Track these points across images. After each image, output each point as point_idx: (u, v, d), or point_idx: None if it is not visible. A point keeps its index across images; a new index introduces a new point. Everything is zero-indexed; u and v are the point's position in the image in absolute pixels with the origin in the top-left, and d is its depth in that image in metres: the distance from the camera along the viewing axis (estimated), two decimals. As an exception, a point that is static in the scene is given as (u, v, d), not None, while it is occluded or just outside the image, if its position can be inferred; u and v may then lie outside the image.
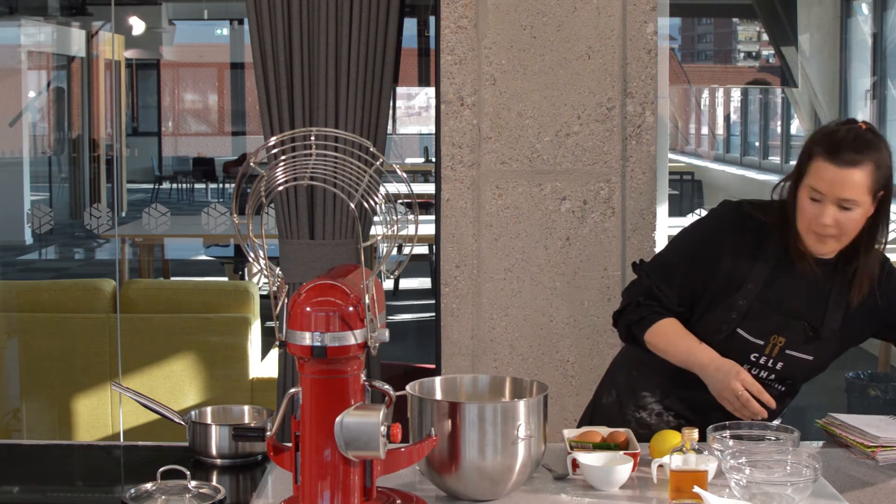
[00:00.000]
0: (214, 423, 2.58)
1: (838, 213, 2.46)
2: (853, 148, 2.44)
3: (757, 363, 2.63)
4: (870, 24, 7.01)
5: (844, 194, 2.44)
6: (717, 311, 2.62)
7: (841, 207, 2.45)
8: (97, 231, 5.49)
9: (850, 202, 2.45)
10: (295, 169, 2.09)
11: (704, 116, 10.08)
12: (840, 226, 2.47)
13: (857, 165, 2.43)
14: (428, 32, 5.59)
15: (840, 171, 2.43)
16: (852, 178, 2.43)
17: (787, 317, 2.60)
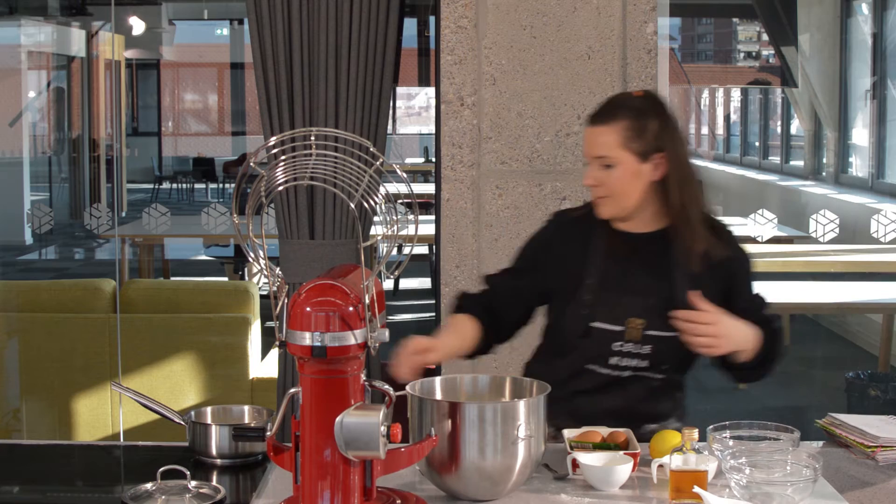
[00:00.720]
0: (214, 423, 2.58)
1: (599, 173, 2.54)
2: (606, 108, 2.54)
3: (622, 352, 2.60)
4: (870, 24, 7.01)
5: (595, 151, 2.53)
6: (567, 314, 2.63)
7: (601, 167, 2.53)
8: (97, 231, 5.49)
9: (605, 159, 2.52)
10: (295, 169, 2.09)
11: (704, 116, 10.07)
12: (604, 185, 2.53)
13: (607, 123, 2.52)
14: (428, 32, 5.59)
15: (591, 130, 2.54)
16: (599, 136, 2.52)
17: (637, 297, 2.58)
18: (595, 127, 2.54)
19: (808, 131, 7.68)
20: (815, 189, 7.42)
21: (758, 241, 5.17)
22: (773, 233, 5.15)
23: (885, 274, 6.03)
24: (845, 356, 6.82)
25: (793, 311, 6.93)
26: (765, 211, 5.12)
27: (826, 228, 5.04)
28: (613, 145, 2.52)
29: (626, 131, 2.51)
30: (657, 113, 2.55)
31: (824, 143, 7.51)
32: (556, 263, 2.66)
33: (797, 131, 8.10)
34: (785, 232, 5.75)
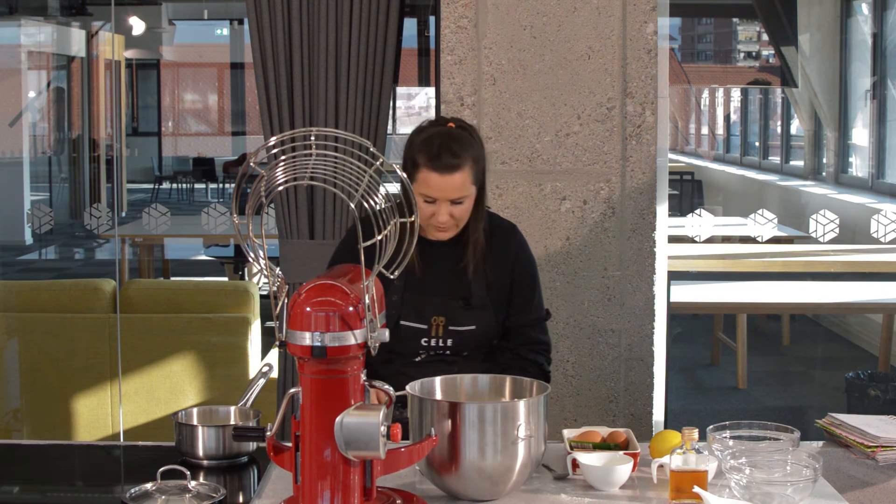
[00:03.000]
0: (201, 425, 2.58)
1: (452, 209, 2.71)
2: (451, 153, 2.67)
3: (429, 346, 2.80)
4: (870, 24, 7.00)
5: (453, 195, 2.69)
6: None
7: (452, 203, 2.70)
8: (97, 231, 5.48)
9: (459, 198, 2.70)
10: (295, 169, 2.09)
11: (704, 116, 10.07)
12: (455, 217, 2.73)
13: (459, 169, 2.68)
14: (428, 32, 5.58)
15: (445, 178, 2.67)
16: (455, 181, 2.68)
17: (439, 297, 2.79)
18: (451, 174, 2.67)
19: (808, 131, 7.67)
20: (815, 189, 7.42)
21: (758, 241, 5.17)
22: (773, 233, 5.15)
23: (885, 274, 6.03)
24: (845, 356, 6.81)
25: (793, 311, 6.93)
26: (765, 211, 5.12)
27: (826, 228, 5.04)
28: (467, 185, 2.70)
29: (471, 171, 2.70)
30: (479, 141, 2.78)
31: (824, 143, 7.51)
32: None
33: (797, 131, 8.10)
34: (785, 232, 5.75)
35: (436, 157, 2.67)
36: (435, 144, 2.69)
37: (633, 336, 3.62)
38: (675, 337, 6.42)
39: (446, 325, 2.79)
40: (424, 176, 2.68)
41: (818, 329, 7.32)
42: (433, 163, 2.67)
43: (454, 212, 2.71)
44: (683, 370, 6.57)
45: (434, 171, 2.67)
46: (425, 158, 2.68)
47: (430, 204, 2.70)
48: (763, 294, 6.06)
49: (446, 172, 2.67)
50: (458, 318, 2.80)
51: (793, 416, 5.75)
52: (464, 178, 2.69)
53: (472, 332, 2.81)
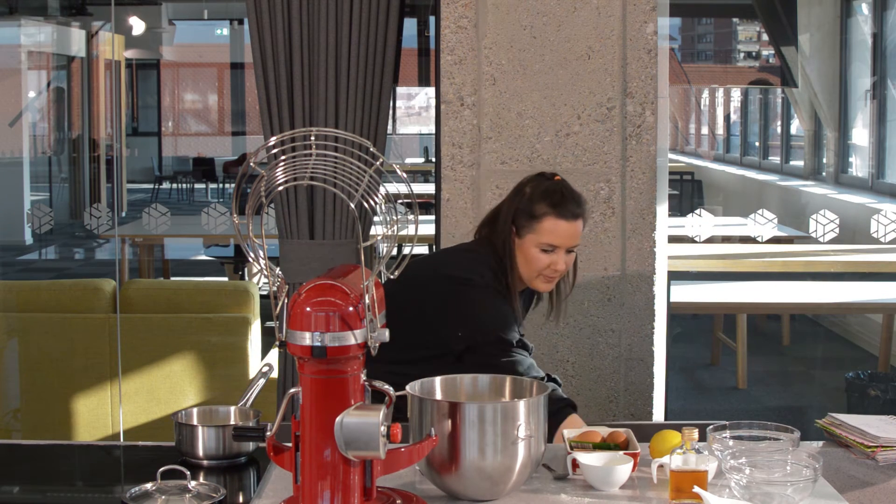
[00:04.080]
0: (201, 425, 2.58)
1: (567, 258, 2.84)
2: (575, 202, 2.83)
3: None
4: (870, 24, 7.00)
5: (575, 242, 2.83)
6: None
7: (568, 252, 2.83)
8: (97, 231, 5.48)
9: (575, 247, 2.85)
10: (295, 169, 2.09)
11: (704, 116, 10.07)
12: (567, 267, 2.86)
13: (581, 217, 2.84)
14: (428, 32, 5.58)
15: (572, 225, 2.81)
16: (579, 228, 2.84)
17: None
18: (576, 222, 2.82)
19: (808, 131, 7.67)
20: (815, 189, 7.42)
21: (758, 241, 5.17)
22: (773, 233, 5.15)
23: (885, 274, 6.03)
24: (845, 356, 6.81)
25: (793, 311, 6.93)
26: (765, 211, 5.12)
27: (826, 228, 5.04)
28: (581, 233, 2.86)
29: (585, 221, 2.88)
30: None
31: (824, 143, 7.51)
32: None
33: (797, 131, 8.10)
34: (785, 232, 5.75)
35: (562, 205, 2.80)
36: (558, 193, 2.82)
37: (633, 336, 3.62)
38: (675, 337, 6.42)
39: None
40: (550, 224, 2.79)
41: (818, 329, 7.32)
42: (559, 210, 2.80)
43: (568, 261, 2.83)
44: (683, 370, 6.57)
45: (562, 218, 2.79)
46: (550, 206, 2.80)
47: (547, 254, 2.81)
48: (763, 294, 6.06)
49: (573, 220, 2.81)
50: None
51: (793, 416, 5.75)
52: (581, 227, 2.84)
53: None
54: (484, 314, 2.81)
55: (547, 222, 2.80)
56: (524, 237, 2.82)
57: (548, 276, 2.84)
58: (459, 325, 2.78)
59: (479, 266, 2.85)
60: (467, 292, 2.81)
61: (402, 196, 2.21)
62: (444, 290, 2.84)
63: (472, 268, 2.84)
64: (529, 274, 2.84)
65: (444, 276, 2.86)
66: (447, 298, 2.80)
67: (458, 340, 2.77)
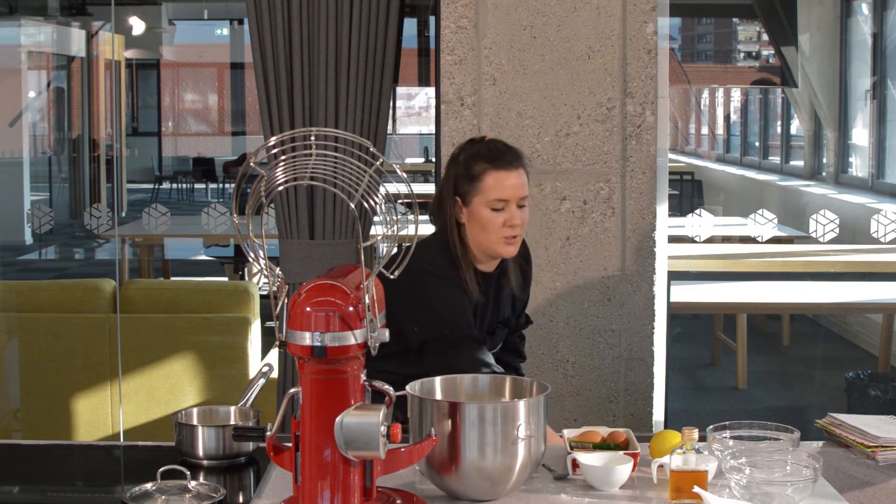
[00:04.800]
0: (201, 425, 2.58)
1: (521, 213, 2.74)
2: (513, 154, 2.76)
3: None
4: (870, 24, 7.00)
5: (523, 192, 2.74)
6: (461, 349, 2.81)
7: (519, 206, 2.74)
8: (97, 231, 5.48)
9: (524, 199, 2.75)
10: (295, 169, 2.09)
11: (704, 116, 10.07)
12: (524, 223, 2.76)
13: (521, 166, 2.75)
14: (428, 32, 5.58)
15: (514, 174, 2.72)
16: (523, 178, 2.74)
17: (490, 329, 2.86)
18: (517, 170, 2.74)
19: (808, 131, 7.67)
20: (815, 189, 7.42)
21: (758, 241, 5.17)
22: (773, 233, 5.15)
23: (885, 274, 6.03)
24: (845, 356, 6.81)
25: (793, 311, 6.93)
26: (765, 211, 5.12)
27: (826, 228, 5.04)
28: (526, 185, 2.76)
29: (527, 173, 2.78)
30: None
31: (824, 143, 7.51)
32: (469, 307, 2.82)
33: (797, 131, 8.10)
34: (785, 232, 5.75)
35: (499, 157, 2.73)
36: (493, 149, 2.75)
37: (633, 336, 3.62)
38: (675, 337, 6.42)
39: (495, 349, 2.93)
40: (493, 179, 2.71)
41: (818, 329, 7.32)
42: (499, 162, 2.72)
43: (522, 215, 2.74)
44: (683, 370, 6.57)
45: (502, 169, 2.71)
46: (487, 161, 2.73)
47: (499, 212, 2.72)
48: (763, 294, 6.06)
49: (514, 169, 2.72)
50: (498, 340, 2.95)
51: (793, 416, 5.75)
52: (524, 177, 2.75)
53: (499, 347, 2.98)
54: (433, 306, 2.73)
55: (489, 177, 2.70)
56: (471, 202, 2.72)
57: (507, 236, 2.72)
58: (413, 320, 2.73)
59: (432, 253, 2.75)
60: (420, 283, 2.72)
61: (402, 196, 2.21)
62: (402, 281, 2.77)
63: (426, 256, 2.73)
64: (488, 240, 2.73)
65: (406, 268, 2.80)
66: (404, 291, 2.66)
67: (414, 335, 2.72)
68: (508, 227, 2.71)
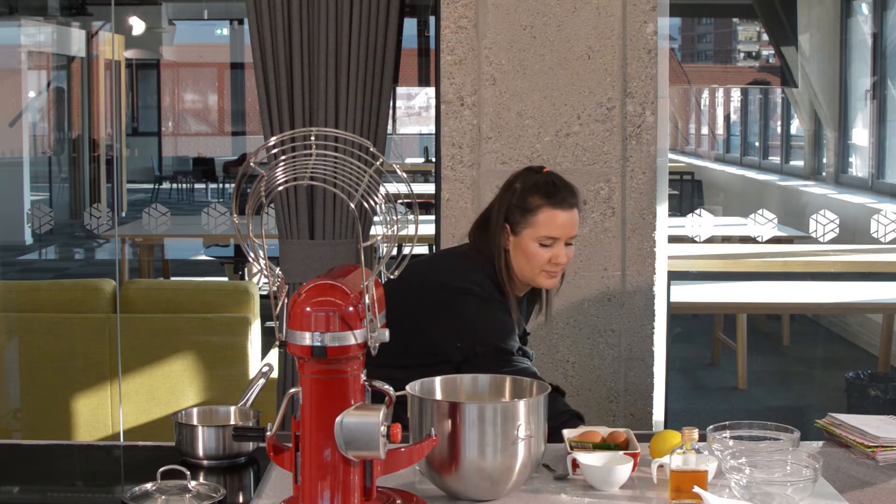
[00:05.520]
0: (201, 425, 2.58)
1: (568, 250, 2.78)
2: (569, 190, 2.78)
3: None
4: (870, 24, 7.00)
5: (573, 232, 2.78)
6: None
7: (566, 244, 2.78)
8: (97, 231, 5.48)
9: (572, 239, 2.80)
10: (295, 169, 2.09)
11: (704, 116, 10.07)
12: (568, 260, 2.80)
13: (576, 206, 2.78)
14: (428, 32, 5.58)
15: (568, 214, 2.76)
16: (575, 218, 2.78)
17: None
18: (572, 210, 2.77)
19: (808, 131, 7.67)
20: (815, 189, 7.42)
21: (758, 241, 5.18)
22: (773, 233, 5.15)
23: (885, 274, 6.03)
24: (845, 356, 6.82)
25: (793, 311, 6.93)
26: (765, 211, 5.12)
27: (826, 228, 5.04)
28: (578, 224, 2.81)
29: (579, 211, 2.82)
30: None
31: (824, 143, 7.51)
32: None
33: (797, 131, 8.10)
34: (785, 232, 5.76)
35: (556, 195, 2.74)
36: (551, 184, 2.76)
37: (633, 336, 3.62)
38: (675, 337, 6.42)
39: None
40: (547, 216, 2.73)
41: (818, 329, 7.32)
42: (554, 200, 2.74)
43: (569, 253, 2.78)
44: (683, 370, 6.57)
45: (558, 208, 2.73)
46: (544, 197, 2.74)
47: (547, 248, 2.75)
48: (763, 294, 6.07)
49: (569, 209, 2.75)
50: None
51: (793, 416, 5.75)
52: (577, 216, 2.78)
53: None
54: (482, 325, 2.75)
55: (543, 214, 2.73)
56: (520, 234, 2.76)
57: (550, 271, 2.77)
58: (457, 336, 2.74)
59: (476, 275, 2.79)
60: (465, 302, 2.75)
61: (402, 196, 2.21)
62: (440, 298, 2.77)
63: (469, 277, 2.78)
64: (531, 272, 2.77)
65: (440, 283, 2.79)
66: (443, 307, 2.74)
67: (456, 351, 2.73)
68: (553, 264, 2.76)
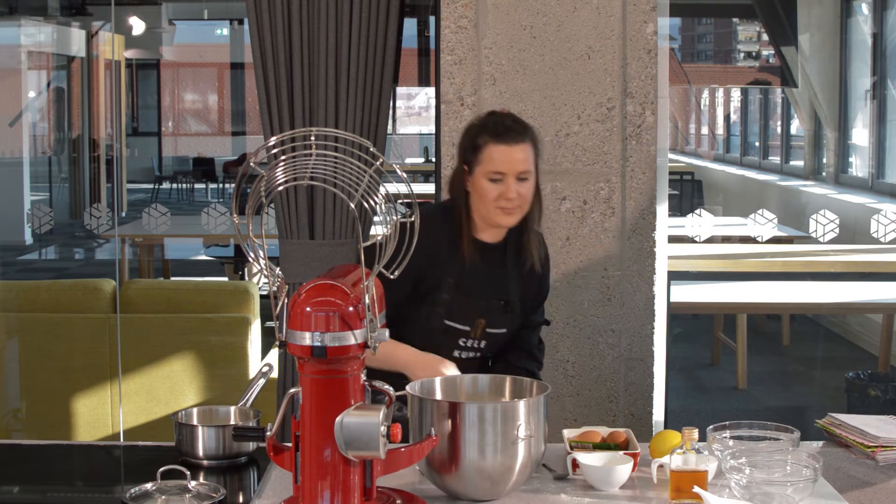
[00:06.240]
0: (201, 425, 2.58)
1: (519, 186, 2.74)
2: (518, 129, 2.78)
3: (465, 346, 2.85)
4: (870, 24, 7.00)
5: (520, 167, 2.74)
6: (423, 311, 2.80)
7: (518, 180, 2.74)
8: (97, 231, 5.49)
9: (525, 174, 2.75)
10: (295, 169, 2.09)
11: (704, 116, 10.08)
12: (521, 197, 2.75)
13: (523, 141, 2.76)
14: (428, 32, 5.58)
15: (513, 149, 2.74)
16: (521, 153, 2.75)
17: (482, 300, 2.83)
18: (517, 146, 2.75)
19: (808, 131, 7.67)
20: (815, 189, 7.42)
21: (758, 241, 5.17)
22: (773, 233, 5.15)
23: (885, 274, 6.03)
24: (845, 356, 6.82)
25: (793, 311, 6.93)
26: (765, 211, 5.12)
27: (826, 228, 5.04)
28: (529, 160, 2.77)
29: (532, 147, 2.79)
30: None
31: (824, 143, 7.51)
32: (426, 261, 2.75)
33: (797, 131, 8.10)
34: (785, 232, 5.76)
35: (501, 130, 2.75)
36: (498, 121, 2.78)
37: (633, 336, 3.62)
38: (675, 337, 6.42)
39: (486, 328, 2.84)
40: (490, 151, 2.74)
41: (818, 329, 7.32)
42: (499, 136, 2.74)
43: (520, 190, 2.74)
44: (683, 370, 6.57)
45: (501, 143, 2.74)
46: (490, 134, 2.75)
47: (496, 183, 2.73)
48: (763, 294, 6.07)
49: (513, 143, 2.74)
50: (497, 321, 2.85)
51: (793, 416, 5.75)
52: (528, 153, 2.76)
53: (503, 335, 2.88)
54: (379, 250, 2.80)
55: (488, 150, 2.74)
56: (474, 172, 2.76)
57: (504, 207, 2.75)
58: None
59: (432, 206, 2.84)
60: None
61: (402, 196, 2.21)
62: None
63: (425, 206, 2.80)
64: (486, 209, 2.76)
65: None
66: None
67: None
68: (504, 200, 2.75)
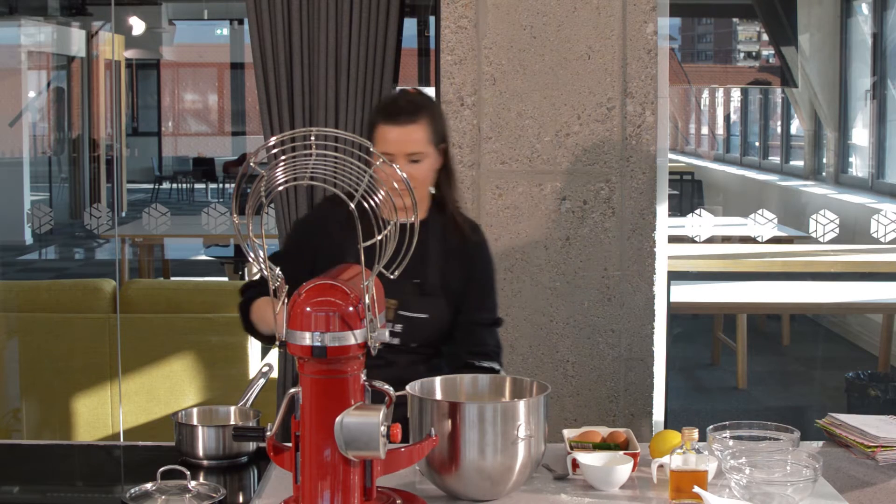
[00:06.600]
0: (201, 425, 2.58)
1: (410, 168, 2.70)
2: (409, 108, 2.72)
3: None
4: (870, 24, 7.00)
5: (408, 148, 2.70)
6: None
7: (411, 161, 2.70)
8: (97, 231, 5.49)
9: (416, 154, 2.71)
10: (295, 169, 2.09)
11: (704, 116, 10.08)
12: (412, 178, 2.67)
13: (414, 122, 2.71)
14: (428, 32, 5.58)
15: (399, 129, 2.70)
16: (412, 135, 2.70)
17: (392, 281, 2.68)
18: (404, 126, 2.71)
19: (808, 131, 7.67)
20: (815, 189, 7.42)
21: (758, 241, 5.18)
22: (773, 233, 5.15)
23: (885, 274, 6.03)
24: (845, 356, 6.82)
25: (793, 311, 6.93)
26: (765, 211, 5.12)
27: (826, 228, 5.04)
28: (422, 140, 2.72)
29: (428, 126, 2.74)
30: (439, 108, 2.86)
31: (824, 143, 7.51)
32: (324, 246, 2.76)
33: (797, 131, 8.10)
34: (785, 232, 5.76)
35: (392, 110, 2.72)
36: (392, 102, 2.76)
37: (633, 336, 3.62)
38: (675, 337, 6.42)
39: (397, 309, 2.74)
40: (381, 132, 2.71)
41: (818, 329, 7.33)
42: (388, 116, 2.71)
43: (411, 171, 2.69)
44: (683, 370, 6.58)
45: (389, 123, 2.71)
46: (381, 115, 2.73)
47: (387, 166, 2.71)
48: (763, 294, 6.07)
49: (402, 123, 2.70)
50: (411, 303, 2.75)
51: (793, 416, 5.75)
52: (420, 133, 2.71)
53: (424, 320, 2.77)
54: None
55: (380, 130, 2.72)
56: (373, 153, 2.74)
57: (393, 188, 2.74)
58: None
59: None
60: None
61: (402, 196, 2.20)
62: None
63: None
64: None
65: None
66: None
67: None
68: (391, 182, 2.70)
